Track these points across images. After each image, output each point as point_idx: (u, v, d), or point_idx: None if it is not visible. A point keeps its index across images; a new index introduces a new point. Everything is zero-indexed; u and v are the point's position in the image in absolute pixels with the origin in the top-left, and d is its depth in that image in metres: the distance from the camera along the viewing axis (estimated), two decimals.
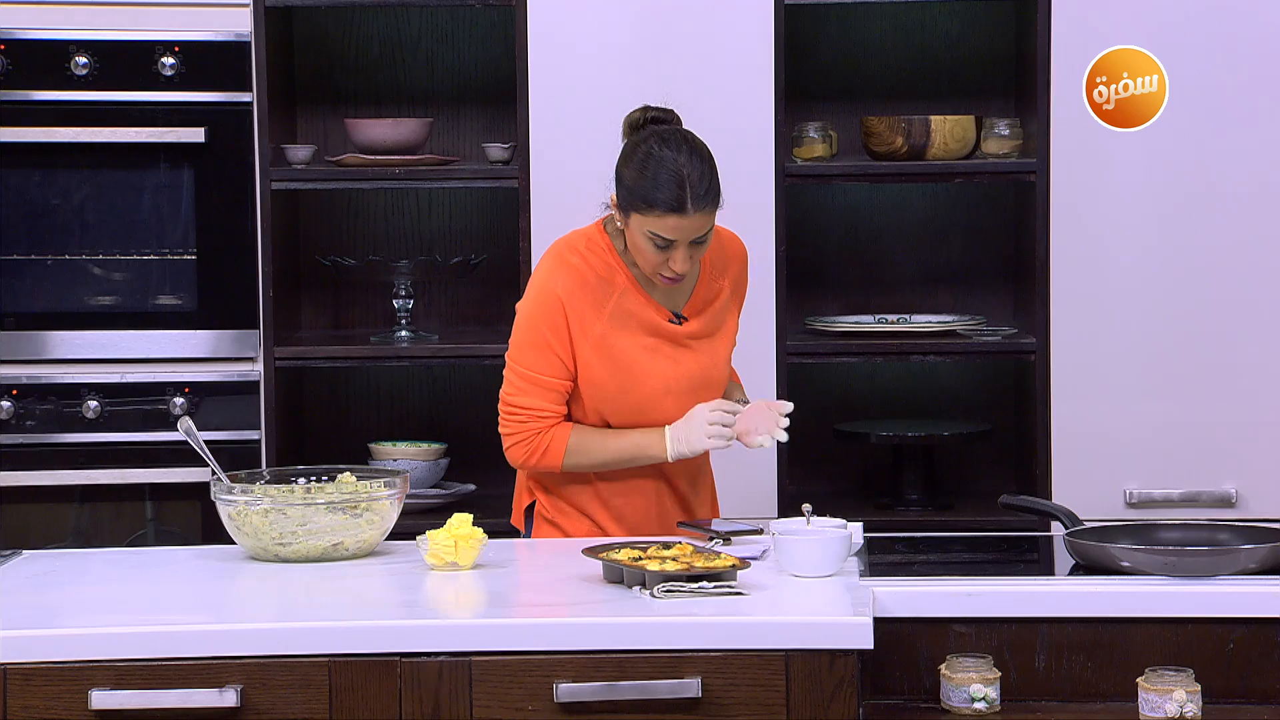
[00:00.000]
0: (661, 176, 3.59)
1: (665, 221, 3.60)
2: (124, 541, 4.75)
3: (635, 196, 3.62)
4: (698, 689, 2.98)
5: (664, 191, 3.59)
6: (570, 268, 3.73)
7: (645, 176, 3.60)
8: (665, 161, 3.60)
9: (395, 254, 5.08)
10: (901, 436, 4.88)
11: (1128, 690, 3.13)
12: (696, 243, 3.65)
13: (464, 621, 3.14)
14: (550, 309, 3.71)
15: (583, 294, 3.71)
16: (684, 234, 3.62)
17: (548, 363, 3.71)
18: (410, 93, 5.11)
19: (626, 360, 3.73)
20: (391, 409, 5.15)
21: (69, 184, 4.79)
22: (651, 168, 3.61)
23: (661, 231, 3.61)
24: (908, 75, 5.08)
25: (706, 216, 3.63)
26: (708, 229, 3.65)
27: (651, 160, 3.62)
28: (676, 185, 3.59)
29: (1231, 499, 4.69)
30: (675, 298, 3.79)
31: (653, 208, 3.60)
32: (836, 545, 3.29)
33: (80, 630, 3.05)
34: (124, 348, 4.78)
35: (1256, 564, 3.24)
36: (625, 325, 3.73)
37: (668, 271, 3.67)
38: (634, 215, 3.63)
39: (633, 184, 3.62)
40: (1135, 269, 4.70)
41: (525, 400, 3.73)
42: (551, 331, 3.70)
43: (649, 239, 3.63)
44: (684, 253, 3.64)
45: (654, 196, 3.59)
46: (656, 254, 3.64)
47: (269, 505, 3.45)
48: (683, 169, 3.60)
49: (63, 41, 4.74)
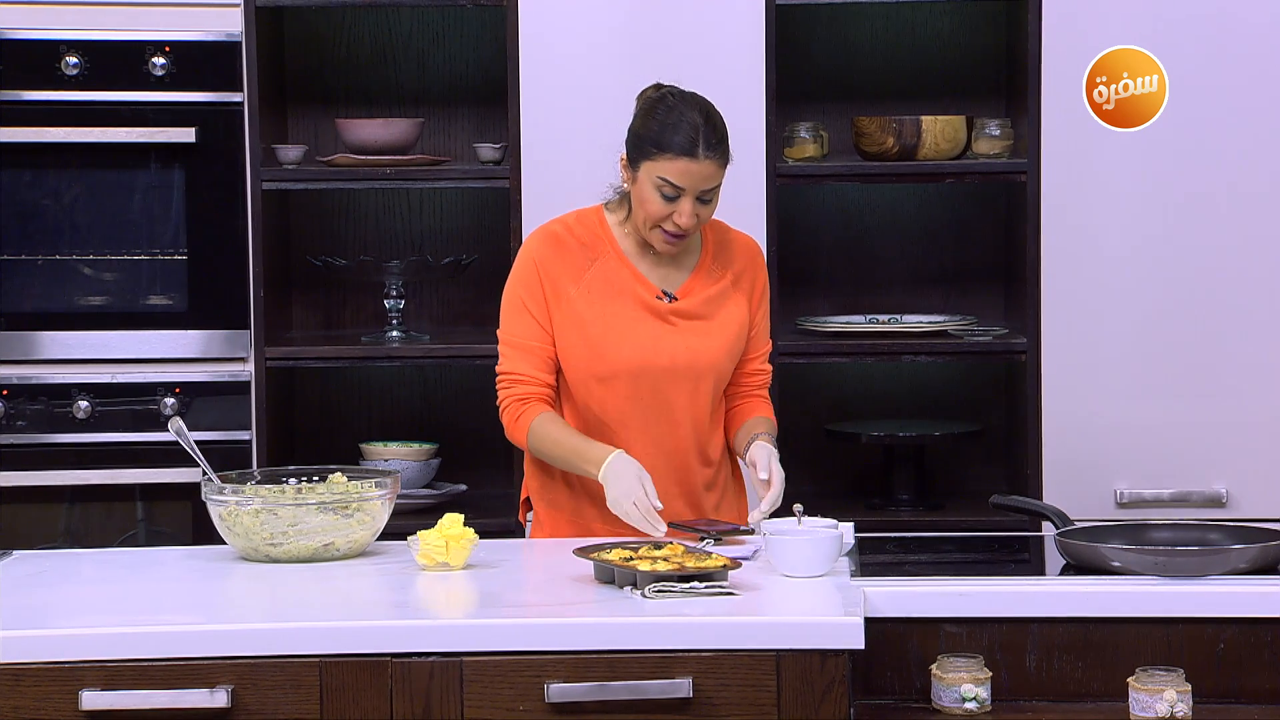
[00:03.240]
0: (675, 120, 3.68)
1: (676, 165, 3.66)
2: (115, 542, 4.74)
3: (646, 142, 3.69)
4: (689, 689, 2.98)
5: (677, 134, 3.66)
6: (550, 234, 3.81)
7: (658, 120, 3.69)
8: (679, 109, 3.70)
9: (386, 254, 5.08)
10: (893, 437, 4.88)
11: (1118, 690, 3.13)
12: (703, 201, 3.69)
13: (455, 622, 3.14)
14: (526, 273, 3.79)
15: (559, 259, 3.77)
16: (692, 182, 3.67)
17: (525, 326, 3.78)
18: (401, 93, 5.11)
19: (599, 327, 3.74)
20: (383, 409, 5.15)
21: (59, 184, 4.78)
22: (664, 113, 3.69)
23: (671, 176, 3.66)
24: (899, 75, 5.08)
25: (716, 168, 3.69)
26: (715, 185, 3.70)
27: (664, 106, 3.71)
28: (690, 129, 3.67)
29: (1222, 499, 4.70)
30: (670, 278, 3.80)
31: (664, 151, 3.66)
32: (827, 545, 3.29)
33: (71, 630, 3.05)
34: (115, 348, 4.78)
35: (1247, 564, 3.24)
36: (603, 293, 3.76)
37: (671, 226, 3.70)
38: (644, 164, 3.69)
39: (645, 131, 3.70)
40: (1126, 269, 4.70)
41: (508, 365, 3.80)
42: (528, 295, 3.78)
43: (657, 188, 3.68)
44: (690, 206, 3.68)
45: (667, 139, 3.66)
46: (663, 205, 3.69)
47: (260, 505, 3.45)
48: (696, 117, 3.68)
49: (53, 41, 4.73)
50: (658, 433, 3.77)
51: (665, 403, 3.77)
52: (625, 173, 3.76)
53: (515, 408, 3.77)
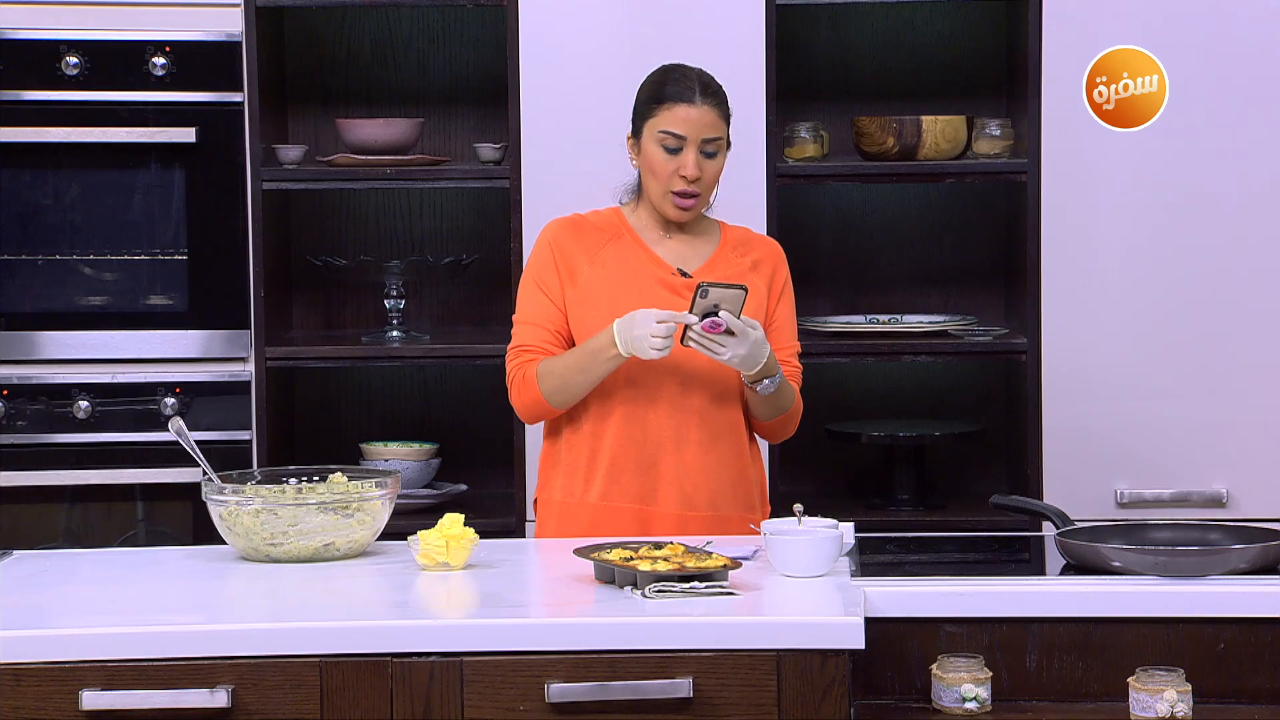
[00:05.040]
0: (672, 77, 3.81)
1: (675, 112, 3.74)
2: (115, 542, 4.74)
3: (646, 101, 3.80)
4: (689, 689, 2.98)
5: (673, 85, 3.78)
6: (567, 219, 3.88)
7: (655, 80, 3.83)
8: (676, 69, 3.83)
9: (386, 254, 5.08)
10: (893, 437, 4.88)
11: (1119, 690, 3.13)
12: (707, 155, 3.75)
13: (455, 622, 3.14)
14: (541, 254, 3.84)
15: (574, 239, 3.82)
16: (693, 130, 3.74)
17: (538, 305, 3.81)
18: (401, 93, 5.11)
19: (612, 299, 3.75)
20: (383, 409, 5.15)
21: (60, 184, 4.78)
22: (660, 74, 3.85)
23: (672, 126, 3.74)
24: (899, 75, 5.08)
25: (716, 117, 3.77)
26: (717, 136, 3.77)
27: (660, 70, 3.85)
28: (686, 79, 3.79)
29: (1222, 499, 4.70)
30: (688, 261, 3.83)
31: (663, 103, 3.76)
32: (828, 545, 3.29)
33: (71, 630, 3.05)
34: (115, 348, 4.78)
35: (1247, 564, 3.24)
36: (618, 269, 3.79)
37: (679, 183, 3.75)
38: (646, 125, 3.78)
39: (644, 93, 3.83)
40: (1126, 269, 4.70)
41: (517, 340, 3.82)
42: (542, 273, 3.81)
43: (660, 143, 3.75)
44: (694, 156, 3.74)
45: (663, 91, 3.78)
46: (668, 159, 3.75)
47: (260, 505, 3.45)
48: (691, 72, 3.80)
49: (53, 41, 4.74)
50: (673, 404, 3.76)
51: (681, 376, 3.76)
52: (632, 151, 3.83)
53: (518, 377, 3.78)
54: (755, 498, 3.86)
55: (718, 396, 3.79)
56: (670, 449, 3.76)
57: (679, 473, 3.76)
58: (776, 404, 3.79)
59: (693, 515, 3.76)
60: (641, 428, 3.76)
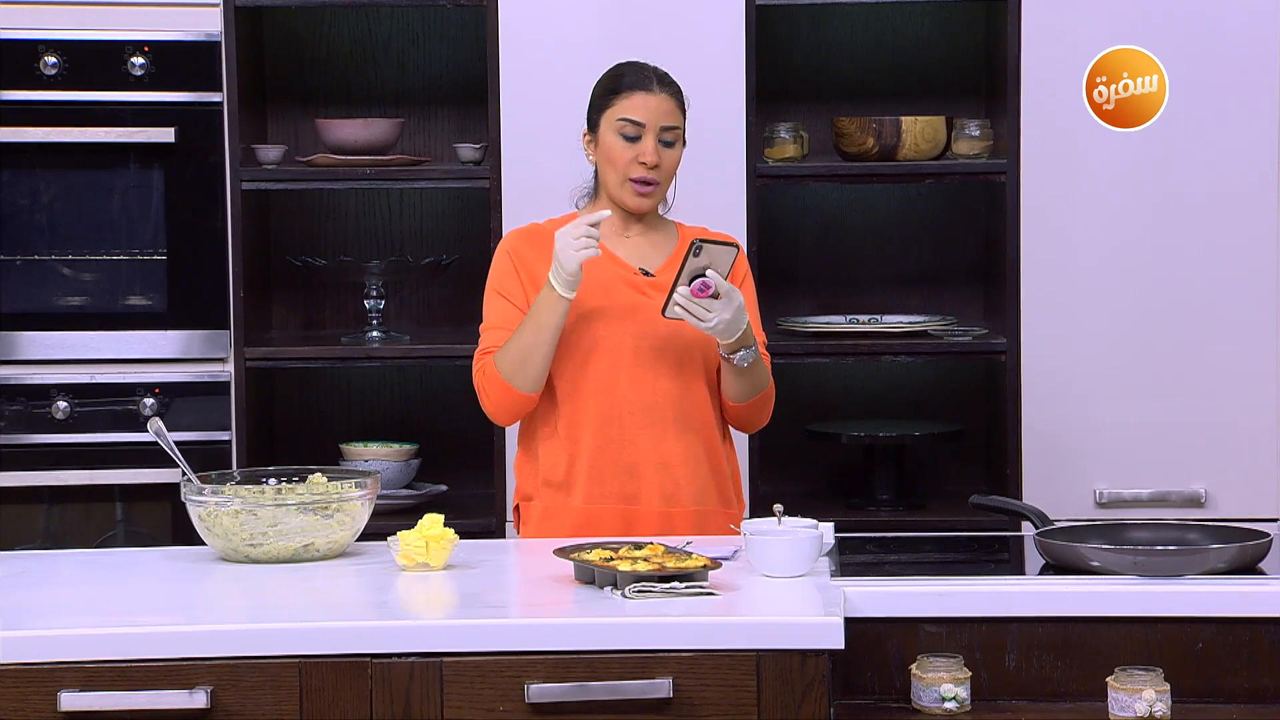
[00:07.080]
0: (627, 69, 3.86)
1: (632, 100, 3.77)
2: (94, 543, 4.73)
3: (602, 94, 3.84)
4: (669, 689, 2.98)
5: (630, 76, 3.83)
6: (523, 229, 3.90)
7: (610, 74, 3.87)
8: (630, 63, 3.88)
9: (366, 254, 5.07)
10: (873, 437, 4.88)
11: (1097, 690, 3.13)
12: (665, 144, 3.77)
13: (435, 622, 3.14)
14: (500, 264, 3.85)
15: (531, 247, 3.82)
16: (651, 116, 3.76)
17: (502, 310, 3.81)
18: (381, 93, 5.11)
19: (577, 305, 3.73)
20: (363, 409, 5.14)
21: (38, 184, 4.77)
22: (615, 68, 3.89)
23: (630, 114, 3.76)
24: (879, 76, 5.09)
25: (673, 106, 3.80)
26: (674, 125, 3.79)
27: (616, 66, 3.88)
28: (641, 70, 3.84)
29: (1200, 499, 4.71)
30: (647, 258, 3.83)
31: (619, 92, 3.79)
32: (808, 545, 3.29)
33: (49, 632, 3.04)
34: (94, 348, 4.77)
35: (1225, 564, 3.25)
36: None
37: (638, 170, 3.76)
38: (603, 116, 3.80)
39: (599, 88, 3.85)
40: (1105, 270, 4.71)
41: (482, 347, 3.82)
42: (503, 282, 3.83)
43: (619, 131, 3.77)
44: (653, 143, 3.76)
45: (620, 82, 3.83)
46: (626, 147, 3.77)
47: (239, 506, 3.45)
48: (647, 65, 3.86)
49: (32, 41, 4.72)
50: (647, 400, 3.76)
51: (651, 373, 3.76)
52: (589, 148, 3.84)
53: (483, 370, 3.78)
54: (731, 492, 3.86)
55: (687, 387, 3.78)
56: (648, 446, 3.76)
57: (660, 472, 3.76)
58: (753, 380, 3.77)
59: (676, 511, 3.76)
60: (619, 428, 3.76)
